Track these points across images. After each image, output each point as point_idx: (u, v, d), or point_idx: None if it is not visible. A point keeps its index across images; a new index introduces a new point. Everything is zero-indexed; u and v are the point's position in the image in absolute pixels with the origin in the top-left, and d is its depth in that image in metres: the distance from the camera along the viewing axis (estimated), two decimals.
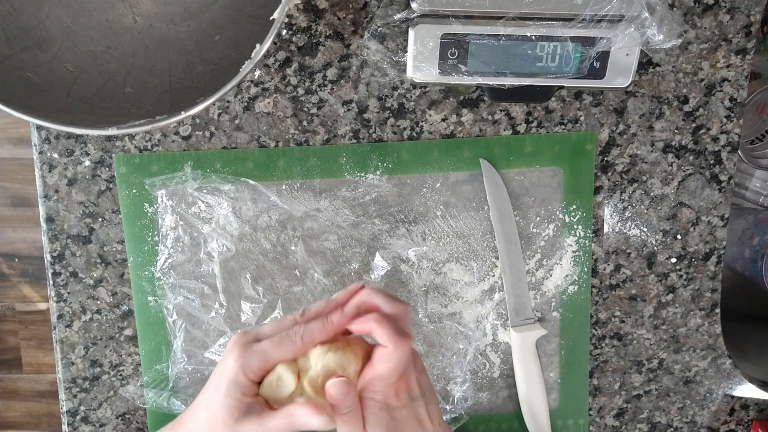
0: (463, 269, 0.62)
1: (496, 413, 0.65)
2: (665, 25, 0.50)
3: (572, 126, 0.60)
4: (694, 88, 0.60)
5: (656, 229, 0.63)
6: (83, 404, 0.64)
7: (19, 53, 0.48)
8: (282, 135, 0.60)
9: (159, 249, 0.60)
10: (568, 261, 0.62)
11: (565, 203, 0.61)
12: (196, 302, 0.61)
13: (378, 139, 0.60)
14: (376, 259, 0.61)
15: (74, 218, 0.60)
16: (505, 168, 0.61)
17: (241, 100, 0.59)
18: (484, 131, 0.60)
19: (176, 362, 0.62)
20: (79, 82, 0.49)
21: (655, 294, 0.64)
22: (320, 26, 0.57)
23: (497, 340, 0.64)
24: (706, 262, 0.64)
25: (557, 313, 0.63)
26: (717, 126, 0.61)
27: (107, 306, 0.62)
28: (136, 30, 0.54)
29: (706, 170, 0.62)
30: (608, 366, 0.66)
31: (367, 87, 0.59)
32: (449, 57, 0.53)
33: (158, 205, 0.60)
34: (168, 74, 0.52)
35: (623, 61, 0.53)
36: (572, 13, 0.51)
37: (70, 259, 0.61)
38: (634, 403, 0.67)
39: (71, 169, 0.59)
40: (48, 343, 1.62)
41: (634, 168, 0.61)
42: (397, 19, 0.54)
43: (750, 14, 0.58)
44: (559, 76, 0.54)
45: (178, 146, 0.59)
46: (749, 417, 0.67)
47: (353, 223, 0.61)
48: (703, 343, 0.65)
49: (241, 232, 0.60)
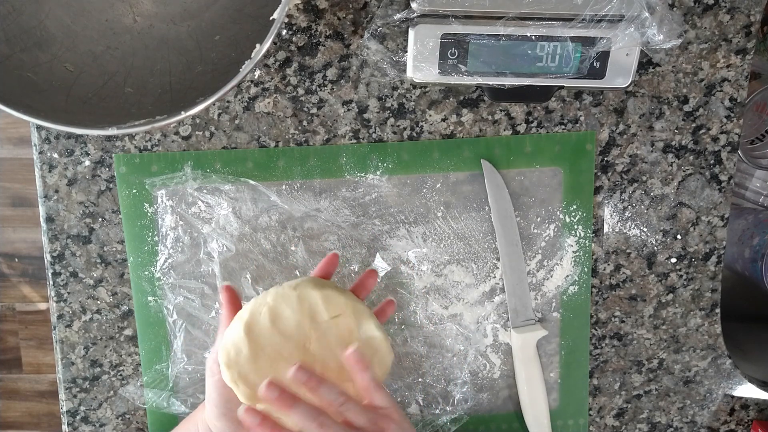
0: (464, 271, 0.62)
1: (497, 413, 0.65)
2: (665, 25, 0.50)
3: (572, 126, 0.60)
4: (694, 88, 0.60)
5: (656, 229, 0.63)
6: (83, 404, 0.64)
7: (19, 53, 0.48)
8: (282, 135, 0.60)
9: (159, 249, 0.60)
10: (568, 261, 0.62)
11: (566, 203, 0.61)
12: (196, 302, 0.61)
13: (378, 139, 0.60)
14: (377, 260, 0.61)
15: (74, 218, 0.60)
16: (505, 168, 0.60)
17: (241, 100, 0.59)
18: (484, 131, 0.60)
19: (176, 362, 0.62)
20: (79, 82, 0.49)
21: (655, 294, 0.64)
22: (320, 26, 0.57)
23: (498, 341, 0.63)
24: (706, 262, 0.64)
25: (557, 314, 0.63)
26: (717, 126, 0.61)
27: (107, 306, 0.62)
28: (136, 30, 0.54)
29: (706, 170, 0.62)
30: (608, 366, 0.66)
31: (367, 87, 0.59)
32: (449, 57, 0.53)
33: (158, 205, 0.60)
34: (168, 74, 0.52)
35: (623, 61, 0.53)
36: (572, 13, 0.51)
37: (70, 259, 0.61)
38: (634, 403, 0.67)
39: (71, 169, 0.59)
40: (48, 343, 1.62)
41: (634, 168, 0.61)
42: (397, 19, 0.54)
43: (750, 14, 0.58)
44: (559, 76, 0.54)
45: (178, 146, 0.59)
46: (749, 417, 0.67)
47: (353, 224, 0.61)
48: (703, 343, 0.65)
49: (241, 232, 0.60)
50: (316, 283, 0.48)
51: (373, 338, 0.47)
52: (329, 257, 0.53)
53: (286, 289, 0.47)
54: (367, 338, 0.47)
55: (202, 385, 0.62)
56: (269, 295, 0.47)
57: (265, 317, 0.46)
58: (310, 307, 0.46)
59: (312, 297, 0.46)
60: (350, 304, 0.47)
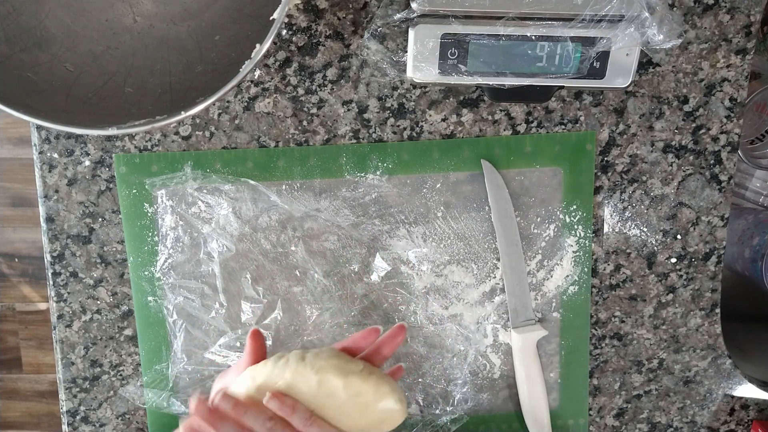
0: (464, 271, 0.62)
1: (497, 413, 0.65)
2: (665, 25, 0.50)
3: (572, 126, 0.60)
4: (694, 88, 0.60)
5: (656, 229, 0.63)
6: (83, 404, 0.64)
7: (19, 53, 0.48)
8: (282, 135, 0.60)
9: (159, 249, 0.60)
10: (568, 261, 0.62)
11: (566, 203, 0.61)
12: (196, 302, 0.61)
13: (378, 139, 0.60)
14: (377, 260, 0.61)
15: (74, 218, 0.60)
16: (505, 168, 0.60)
17: (241, 100, 0.59)
18: (484, 131, 0.60)
19: (176, 362, 0.62)
20: (79, 82, 0.49)
21: (655, 294, 0.64)
22: (320, 26, 0.57)
23: (498, 341, 0.63)
24: (706, 262, 0.64)
25: (557, 314, 0.63)
26: (717, 126, 0.61)
27: (107, 306, 0.62)
28: (136, 30, 0.54)
29: (706, 170, 0.62)
30: (608, 366, 0.66)
31: (367, 87, 0.59)
32: (449, 57, 0.53)
33: (158, 205, 0.60)
34: (168, 74, 0.52)
35: (623, 61, 0.53)
36: (572, 13, 0.51)
37: (70, 259, 0.61)
38: (634, 403, 0.67)
39: (71, 169, 0.59)
40: (48, 343, 1.62)
41: (634, 168, 0.61)
42: (397, 19, 0.54)
43: (750, 14, 0.58)
44: (559, 76, 0.54)
45: (178, 146, 0.59)
46: (749, 417, 0.67)
47: (353, 224, 0.61)
48: (703, 343, 0.65)
49: (241, 232, 0.60)
50: (340, 368, 0.45)
51: (390, 411, 0.46)
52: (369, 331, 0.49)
53: (307, 370, 0.45)
54: (384, 411, 0.46)
55: (202, 385, 0.62)
56: (288, 370, 0.45)
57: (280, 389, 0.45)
58: (328, 390, 0.45)
59: (333, 383, 0.45)
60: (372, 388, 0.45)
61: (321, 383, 0.45)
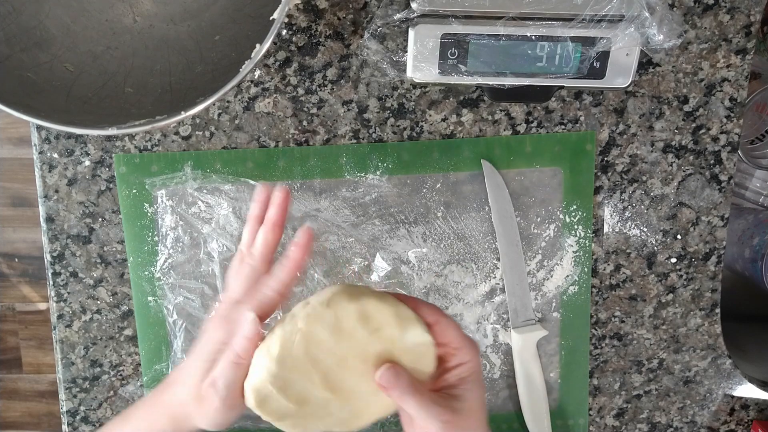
0: (464, 271, 0.62)
1: (497, 413, 0.65)
2: (665, 25, 0.50)
3: (572, 126, 0.60)
4: (694, 88, 0.60)
5: (656, 229, 0.63)
6: (83, 404, 0.64)
7: (19, 53, 0.48)
8: (282, 135, 0.60)
9: (159, 249, 0.60)
10: (568, 261, 0.62)
11: (566, 203, 0.61)
12: (196, 302, 0.61)
13: (378, 139, 0.60)
14: (377, 260, 0.61)
15: (74, 218, 0.60)
16: (505, 168, 0.60)
17: (241, 100, 0.59)
18: (484, 131, 0.60)
19: (176, 362, 0.62)
20: (79, 82, 0.49)
21: (655, 294, 0.64)
22: (320, 26, 0.57)
23: (498, 341, 0.63)
24: (706, 262, 0.64)
25: (557, 314, 0.63)
26: (717, 126, 0.61)
27: (107, 306, 0.62)
28: (136, 30, 0.54)
29: (706, 170, 0.62)
30: (608, 366, 0.66)
31: (367, 87, 0.59)
32: (449, 57, 0.53)
33: (158, 205, 0.60)
34: (168, 74, 0.52)
35: (623, 61, 0.53)
36: (572, 13, 0.51)
37: (70, 259, 0.61)
38: (634, 403, 0.67)
39: (71, 169, 0.59)
40: (48, 343, 1.62)
41: (634, 168, 0.61)
42: (397, 19, 0.54)
43: (750, 14, 0.58)
44: (559, 76, 0.54)
45: (178, 146, 0.59)
46: (749, 417, 0.67)
47: (353, 224, 0.61)
48: (703, 343, 0.65)
49: (241, 232, 0.60)
50: (350, 293, 0.42)
51: (420, 344, 0.42)
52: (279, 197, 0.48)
53: (319, 309, 0.41)
54: (413, 345, 0.42)
55: None
56: (300, 319, 0.42)
57: (300, 346, 0.41)
58: (348, 324, 0.41)
59: (349, 312, 0.41)
60: (392, 312, 0.42)
61: (338, 318, 0.41)
